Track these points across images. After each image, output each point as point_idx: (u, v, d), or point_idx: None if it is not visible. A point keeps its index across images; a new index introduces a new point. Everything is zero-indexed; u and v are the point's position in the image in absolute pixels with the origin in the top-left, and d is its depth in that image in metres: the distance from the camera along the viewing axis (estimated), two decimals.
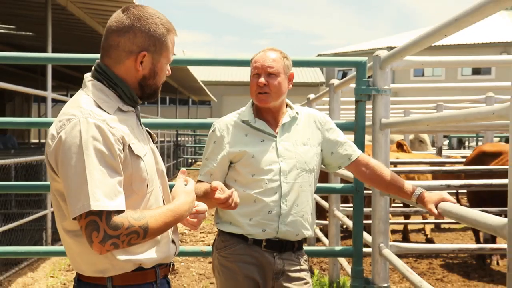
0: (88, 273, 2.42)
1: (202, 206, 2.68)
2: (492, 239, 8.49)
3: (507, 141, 15.05)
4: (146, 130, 2.68)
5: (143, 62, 2.46)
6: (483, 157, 8.33)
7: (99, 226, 2.19)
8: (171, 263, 2.69)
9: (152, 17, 2.48)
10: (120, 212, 2.24)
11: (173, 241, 2.64)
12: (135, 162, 2.40)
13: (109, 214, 2.21)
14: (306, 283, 3.52)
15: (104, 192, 2.21)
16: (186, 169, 2.94)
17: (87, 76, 2.51)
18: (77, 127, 2.26)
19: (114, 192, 2.25)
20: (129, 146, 2.37)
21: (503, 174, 5.90)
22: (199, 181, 3.52)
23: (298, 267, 3.51)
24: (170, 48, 2.55)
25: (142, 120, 2.77)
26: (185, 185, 2.59)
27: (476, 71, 45.31)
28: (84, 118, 2.28)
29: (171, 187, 2.67)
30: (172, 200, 2.53)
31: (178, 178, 2.63)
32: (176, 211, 2.43)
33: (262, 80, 3.40)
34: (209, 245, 3.62)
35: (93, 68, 2.52)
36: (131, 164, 2.38)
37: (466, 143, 26.64)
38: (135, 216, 2.27)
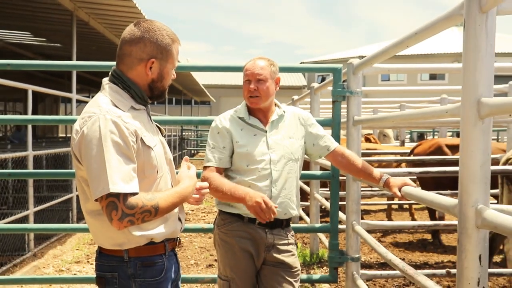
0: (108, 246, 2.48)
1: (204, 184, 2.75)
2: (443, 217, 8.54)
3: (458, 135, 15.21)
4: (156, 125, 2.72)
5: (152, 67, 2.52)
6: (440, 149, 8.34)
7: (117, 206, 2.25)
8: (178, 238, 2.73)
9: (160, 30, 2.53)
10: (134, 194, 2.30)
11: (179, 219, 2.68)
12: (146, 151, 2.45)
13: (126, 196, 2.27)
14: (292, 255, 3.53)
15: (121, 177, 2.27)
16: (189, 158, 2.97)
17: (105, 80, 2.55)
18: (97, 123, 2.32)
19: (129, 177, 2.30)
20: (141, 138, 2.42)
21: (455, 163, 5.90)
22: (208, 167, 3.49)
23: (286, 241, 3.52)
24: (174, 56, 2.59)
25: (153, 117, 2.80)
26: (188, 170, 2.65)
27: (433, 77, 45.45)
28: (103, 115, 2.34)
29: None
30: (178, 184, 2.57)
31: (182, 165, 2.70)
32: (182, 193, 2.51)
33: (252, 86, 3.42)
34: (209, 223, 3.62)
35: (110, 73, 2.57)
36: (143, 153, 2.43)
37: (425, 137, 26.74)
38: (147, 197, 2.33)
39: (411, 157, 8.40)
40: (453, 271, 4.48)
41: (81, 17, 11.71)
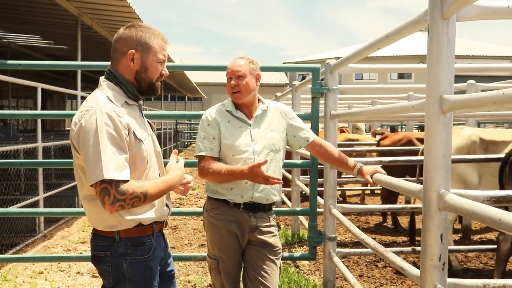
0: (101, 228, 2.53)
1: (188, 178, 2.77)
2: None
3: (422, 129, 15.25)
4: (147, 121, 2.74)
5: (134, 59, 2.51)
6: (411, 142, 8.38)
7: (110, 192, 2.28)
8: (165, 221, 2.76)
9: (142, 28, 2.55)
10: (126, 181, 2.32)
11: (166, 205, 2.71)
12: (137, 144, 2.47)
13: (118, 182, 2.30)
14: (274, 236, 3.53)
15: (114, 166, 2.29)
16: (183, 149, 3.00)
17: (102, 78, 2.58)
18: (94, 116, 2.34)
19: (122, 166, 2.33)
20: (133, 132, 2.44)
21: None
22: (201, 156, 3.48)
23: (268, 223, 3.52)
24: (156, 49, 2.55)
25: (151, 112, 2.84)
26: (177, 162, 2.67)
27: (401, 76, 45.67)
28: (99, 109, 2.35)
29: (166, 164, 2.72)
30: (166, 174, 2.60)
31: (172, 157, 2.70)
32: (169, 182, 2.53)
33: (233, 82, 3.44)
34: (201, 207, 3.60)
35: (105, 72, 2.59)
36: (134, 146, 2.45)
37: (396, 130, 26.84)
38: (137, 184, 2.35)
39: (396, 147, 8.42)
40: (418, 248, 4.51)
41: (85, 22, 11.73)
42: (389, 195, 8.07)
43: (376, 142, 10.35)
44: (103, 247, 2.53)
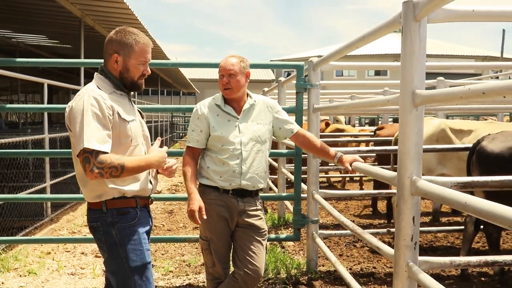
0: (91, 199, 2.65)
1: (171, 162, 2.86)
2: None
3: (397, 121, 15.35)
4: (138, 110, 2.90)
5: (118, 61, 2.67)
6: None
7: (90, 160, 2.43)
8: (150, 197, 2.86)
9: (128, 33, 2.68)
10: (105, 153, 2.45)
11: (150, 182, 2.82)
12: (122, 124, 2.61)
13: (98, 153, 2.44)
14: (260, 219, 3.54)
15: (96, 139, 2.44)
16: (178, 140, 3.08)
17: (96, 73, 2.74)
18: (82, 99, 2.52)
19: (103, 140, 2.48)
20: (118, 113, 2.58)
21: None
22: (189, 147, 3.51)
23: (255, 208, 3.52)
24: (137, 53, 2.67)
25: (149, 106, 2.95)
26: (160, 146, 2.82)
27: (377, 73, 45.81)
28: (87, 94, 2.54)
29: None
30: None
31: (156, 143, 2.85)
32: (148, 159, 2.66)
33: (225, 79, 3.43)
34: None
35: (99, 68, 2.74)
36: (119, 124, 2.59)
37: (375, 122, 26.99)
38: (116, 157, 2.50)
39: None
40: (392, 230, 4.54)
41: (88, 23, 11.72)
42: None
43: (362, 134, 10.42)
44: (94, 218, 2.66)
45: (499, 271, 4.88)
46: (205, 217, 3.29)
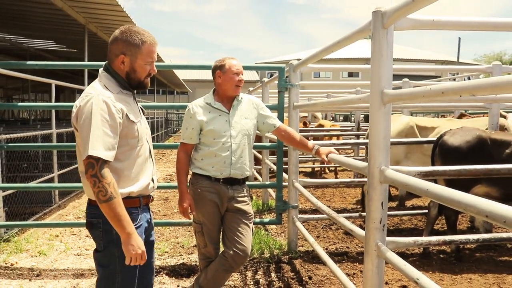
0: (93, 197, 2.32)
1: (138, 252, 2.30)
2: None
3: (367, 118, 15.43)
4: (140, 107, 2.59)
5: (124, 62, 2.40)
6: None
7: (94, 167, 2.19)
8: (150, 196, 2.59)
9: (133, 33, 2.40)
10: (107, 162, 2.22)
11: (152, 180, 2.57)
12: (130, 125, 2.36)
13: (104, 162, 2.20)
14: (247, 204, 3.54)
15: (103, 145, 2.20)
16: (172, 134, 2.94)
17: (100, 70, 2.45)
18: (91, 101, 2.24)
19: (109, 147, 2.23)
20: (126, 114, 2.33)
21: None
22: (182, 143, 3.51)
23: (242, 194, 3.52)
24: (144, 53, 2.41)
25: (146, 104, 2.76)
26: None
27: (350, 75, 46.10)
28: (96, 95, 2.26)
29: (156, 146, 2.58)
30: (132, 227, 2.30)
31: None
32: (128, 228, 2.25)
33: (241, 77, 3.46)
34: (188, 182, 3.58)
35: (104, 66, 2.46)
36: (127, 126, 2.34)
37: (347, 118, 27.10)
38: (115, 186, 2.22)
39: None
40: (364, 214, 4.56)
41: (91, 29, 11.71)
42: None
43: (340, 128, 10.46)
44: (96, 215, 2.36)
45: (455, 249, 4.93)
46: (194, 213, 3.44)
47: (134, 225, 2.36)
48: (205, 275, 3.54)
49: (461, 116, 8.93)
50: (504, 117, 5.37)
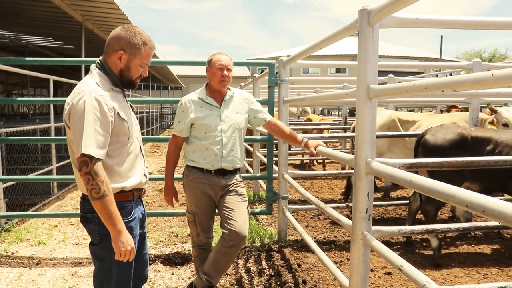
0: (86, 192, 2.26)
1: (128, 249, 2.26)
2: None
3: (353, 112, 15.51)
4: (129, 103, 2.53)
5: (121, 58, 2.34)
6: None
7: (88, 165, 2.14)
8: (143, 189, 2.56)
9: (136, 33, 2.35)
10: (99, 160, 2.17)
11: (144, 175, 2.53)
12: (121, 123, 2.30)
13: (97, 160, 2.15)
14: (240, 186, 3.56)
15: (95, 143, 2.15)
16: (166, 128, 2.91)
17: (93, 66, 2.38)
18: (83, 99, 2.17)
19: (100, 145, 2.17)
20: (118, 112, 2.27)
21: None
22: (174, 135, 3.52)
23: (235, 180, 3.51)
24: (143, 54, 2.36)
25: (141, 99, 2.73)
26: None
27: (338, 71, 46.23)
28: (89, 93, 2.19)
29: (151, 139, 2.57)
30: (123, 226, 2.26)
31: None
32: (118, 226, 2.21)
33: (225, 73, 3.40)
34: (181, 174, 3.57)
35: (96, 61, 2.39)
36: (118, 124, 2.28)
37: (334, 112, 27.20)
38: (108, 184, 2.19)
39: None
40: (350, 204, 4.57)
41: (88, 27, 11.66)
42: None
43: (329, 122, 10.46)
44: (90, 209, 2.28)
45: (436, 247, 4.95)
46: (178, 201, 3.64)
47: (129, 218, 2.36)
48: (208, 261, 3.49)
49: (450, 108, 9.00)
50: (495, 111, 5.35)
